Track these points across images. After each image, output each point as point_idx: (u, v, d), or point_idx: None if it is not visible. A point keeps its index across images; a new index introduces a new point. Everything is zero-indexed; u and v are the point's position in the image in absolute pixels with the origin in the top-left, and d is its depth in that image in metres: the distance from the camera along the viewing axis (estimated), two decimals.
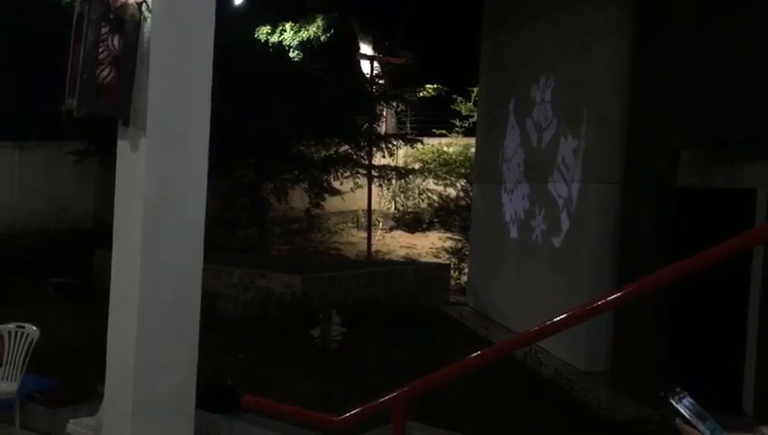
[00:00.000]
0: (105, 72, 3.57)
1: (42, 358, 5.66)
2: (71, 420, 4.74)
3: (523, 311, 9.15)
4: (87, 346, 6.46)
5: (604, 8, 7.84)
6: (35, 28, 13.80)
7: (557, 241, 8.49)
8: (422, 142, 16.72)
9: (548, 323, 2.56)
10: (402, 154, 17.72)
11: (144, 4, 3.56)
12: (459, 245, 14.94)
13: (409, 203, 17.99)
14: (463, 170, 16.93)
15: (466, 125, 17.49)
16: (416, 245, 16.27)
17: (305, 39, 17.23)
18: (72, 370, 6.10)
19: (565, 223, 8.32)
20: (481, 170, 11.72)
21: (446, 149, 17.68)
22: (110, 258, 4.01)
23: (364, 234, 16.08)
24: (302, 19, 16.99)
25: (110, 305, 3.96)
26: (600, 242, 7.68)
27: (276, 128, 12.57)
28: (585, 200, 7.92)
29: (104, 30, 3.54)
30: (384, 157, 15.66)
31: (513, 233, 9.82)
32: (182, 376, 4.01)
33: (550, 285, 8.51)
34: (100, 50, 3.56)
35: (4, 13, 12.74)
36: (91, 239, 12.55)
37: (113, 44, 3.58)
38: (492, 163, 10.77)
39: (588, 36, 8.04)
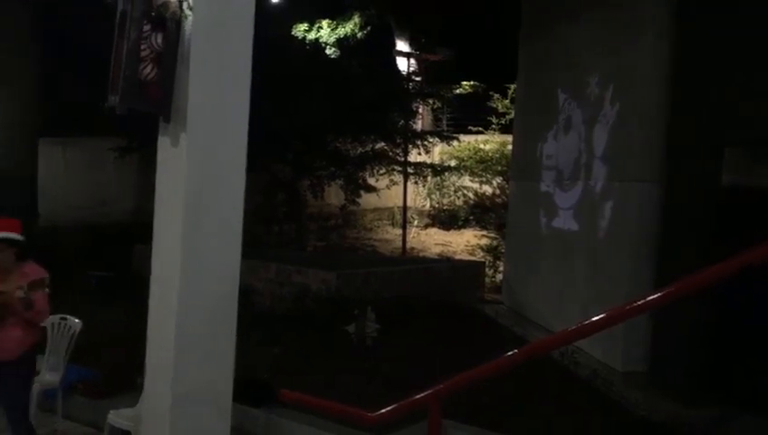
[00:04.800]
0: (147, 70, 3.63)
1: (83, 349, 5.79)
2: (111, 411, 4.83)
3: (559, 310, 9.06)
4: (127, 339, 6.59)
5: (647, 3, 7.71)
6: (81, 25, 14.09)
7: (595, 239, 8.38)
8: (458, 139, 16.64)
9: (587, 322, 2.53)
10: (438, 151, 17.67)
11: (186, 2, 3.61)
12: (495, 242, 14.84)
13: (445, 200, 17.93)
14: (499, 168, 16.81)
15: (503, 122, 17.37)
16: (451, 242, 16.22)
17: (342, 36, 17.26)
18: (113, 361, 6.23)
19: (604, 221, 8.21)
20: (518, 168, 11.63)
21: (482, 146, 17.57)
22: (149, 253, 4.09)
23: (399, 231, 16.08)
24: (339, 16, 17.04)
25: (150, 299, 4.03)
26: (639, 241, 7.56)
27: (313, 124, 12.63)
28: (625, 198, 7.80)
29: (146, 28, 3.60)
30: (420, 154, 15.63)
31: (551, 231, 9.73)
32: (220, 370, 4.06)
33: (587, 283, 8.41)
34: (143, 47, 3.62)
35: (50, 11, 13.02)
36: (131, 233, 12.78)
37: (155, 42, 3.63)
38: (529, 160, 10.68)
39: (630, 31, 7.90)
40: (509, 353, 2.81)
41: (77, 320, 5.64)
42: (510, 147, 13.76)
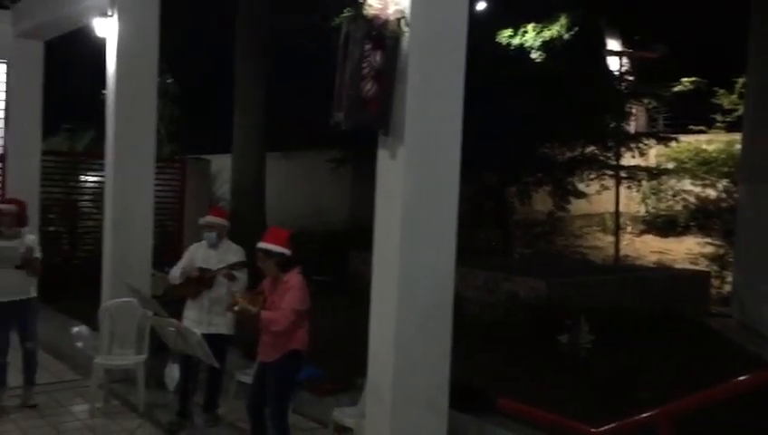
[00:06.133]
0: (368, 87, 3.83)
1: (308, 349, 6.20)
2: (335, 409, 5.13)
3: None
4: (346, 340, 6.97)
5: None
6: (299, 50, 15.27)
7: None
8: (677, 140, 15.55)
9: None
10: (654, 153, 16.62)
11: (403, 20, 3.76)
12: (721, 251, 13.64)
13: (662, 205, 16.81)
14: (725, 169, 15.44)
15: (729, 120, 15.93)
16: (669, 250, 15.17)
17: (548, 39, 16.89)
18: (334, 361, 6.60)
19: None
20: (750, 169, 10.59)
21: (704, 146, 16.26)
22: (363, 259, 4.31)
23: (611, 238, 15.36)
24: (545, 19, 16.70)
25: (372, 305, 4.24)
26: None
27: (519, 131, 12.51)
28: None
29: (367, 47, 3.80)
30: (634, 157, 14.83)
31: None
32: (437, 374, 4.16)
33: None
34: (364, 66, 3.82)
35: (275, 39, 14.26)
36: (345, 240, 13.50)
37: (375, 60, 3.82)
38: (764, 160, 9.69)
39: None
40: (755, 374, 2.57)
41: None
42: (738, 146, 12.59)
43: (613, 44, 18.16)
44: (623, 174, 14.59)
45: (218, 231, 5.73)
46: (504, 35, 16.59)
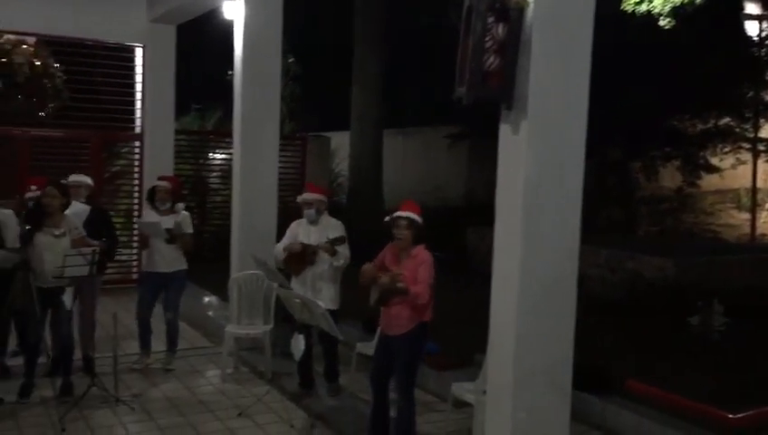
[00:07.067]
0: (490, 60, 3.77)
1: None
2: (454, 384, 5.16)
3: None
4: (463, 316, 6.98)
5: None
6: (413, 28, 15.25)
7: None
8: None
9: None
10: None
11: None
12: None
13: None
14: None
15: None
16: None
17: (678, 4, 15.92)
18: (452, 337, 6.63)
19: None
20: None
21: None
22: (480, 235, 4.25)
23: (746, 215, 14.41)
24: None
25: (493, 280, 4.20)
26: None
27: (645, 103, 11.93)
28: None
29: (490, 20, 3.73)
30: None
31: None
32: (560, 353, 4.09)
33: None
34: (486, 39, 3.76)
35: (391, 16, 14.30)
36: (462, 216, 13.42)
37: (498, 33, 3.75)
38: None
39: None
40: None
41: None
42: None
43: (752, 8, 16.85)
44: (761, 147, 13.62)
45: (317, 207, 5.80)
46: (630, 2, 15.80)
